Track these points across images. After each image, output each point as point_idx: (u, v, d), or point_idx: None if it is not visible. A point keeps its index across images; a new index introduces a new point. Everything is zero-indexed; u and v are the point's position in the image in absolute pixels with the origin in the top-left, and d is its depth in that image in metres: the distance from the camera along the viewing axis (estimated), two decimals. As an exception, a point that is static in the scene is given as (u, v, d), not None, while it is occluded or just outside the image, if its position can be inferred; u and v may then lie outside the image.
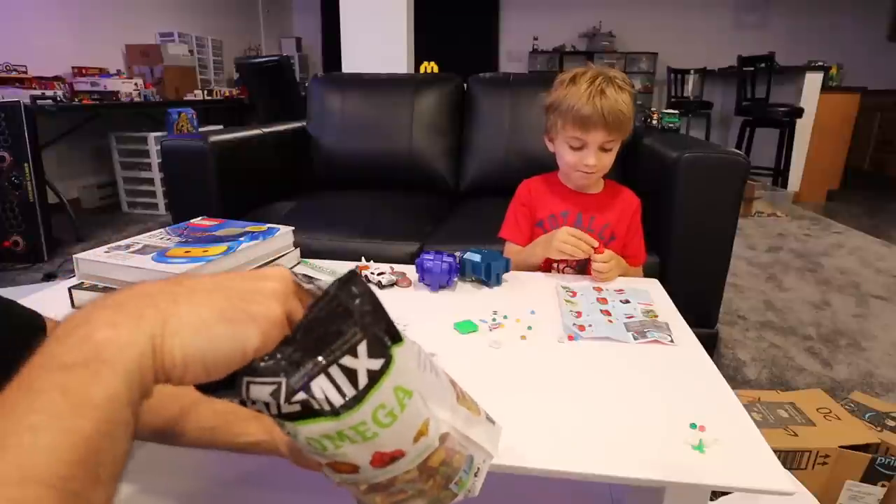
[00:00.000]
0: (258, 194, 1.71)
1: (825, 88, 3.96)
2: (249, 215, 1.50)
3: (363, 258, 0.97)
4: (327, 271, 0.96)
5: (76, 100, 3.03)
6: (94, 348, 0.24)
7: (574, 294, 0.86)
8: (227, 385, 0.28)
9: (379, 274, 0.90)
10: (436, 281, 0.87)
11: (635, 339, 0.71)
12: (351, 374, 0.27)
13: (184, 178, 1.54)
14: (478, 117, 1.94)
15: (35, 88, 2.92)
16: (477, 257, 0.89)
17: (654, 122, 1.80)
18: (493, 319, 0.76)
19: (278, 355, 0.28)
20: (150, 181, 3.47)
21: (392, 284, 0.89)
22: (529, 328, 0.74)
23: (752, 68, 4.07)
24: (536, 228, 1.13)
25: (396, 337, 0.30)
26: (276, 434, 0.46)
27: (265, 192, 1.74)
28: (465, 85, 2.04)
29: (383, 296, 0.85)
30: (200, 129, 3.28)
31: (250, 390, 0.28)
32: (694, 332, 0.74)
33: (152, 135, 3.34)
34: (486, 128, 1.92)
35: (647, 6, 5.94)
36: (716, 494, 0.75)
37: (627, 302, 0.83)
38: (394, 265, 0.95)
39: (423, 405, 0.31)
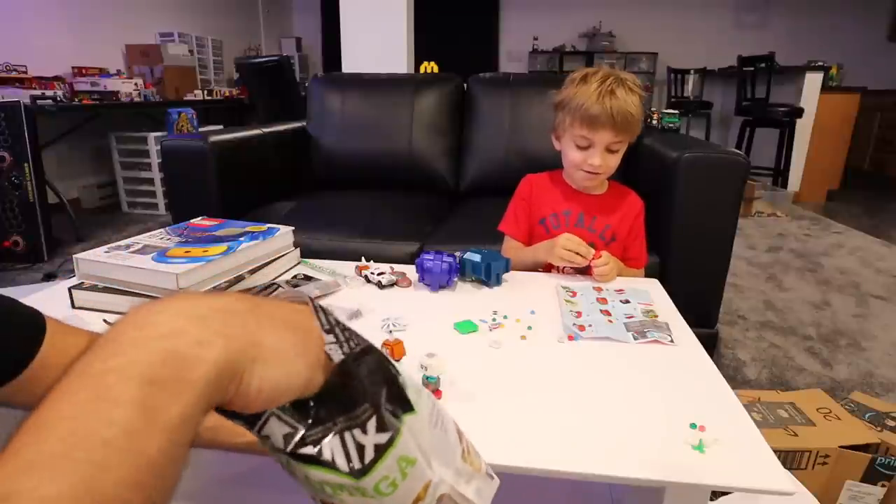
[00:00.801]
0: (258, 194, 1.71)
1: (825, 88, 3.96)
2: (249, 215, 1.50)
3: (363, 258, 0.97)
4: (327, 271, 0.96)
5: (76, 100, 3.03)
6: (181, 366, 0.23)
7: (574, 294, 0.86)
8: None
9: (379, 274, 0.90)
10: (436, 281, 0.87)
11: (635, 339, 0.71)
12: (359, 448, 0.28)
13: (184, 178, 1.54)
14: (478, 117, 1.94)
15: (35, 88, 2.92)
16: (477, 257, 0.89)
17: (654, 122, 1.81)
18: (493, 319, 0.77)
19: (307, 404, 0.28)
20: (150, 181, 3.47)
21: (392, 284, 0.89)
22: (529, 328, 0.74)
23: (752, 68, 4.07)
24: (538, 226, 1.13)
25: (408, 407, 0.30)
26: None
27: (265, 192, 1.74)
28: (465, 85, 2.04)
29: (383, 296, 0.86)
30: (200, 129, 3.28)
31: (269, 422, 0.28)
32: (694, 332, 0.74)
33: (152, 135, 3.34)
34: (486, 128, 1.92)
35: (647, 6, 5.94)
36: (716, 494, 0.75)
37: (627, 302, 0.83)
38: (394, 265, 0.95)
39: (427, 467, 0.31)
